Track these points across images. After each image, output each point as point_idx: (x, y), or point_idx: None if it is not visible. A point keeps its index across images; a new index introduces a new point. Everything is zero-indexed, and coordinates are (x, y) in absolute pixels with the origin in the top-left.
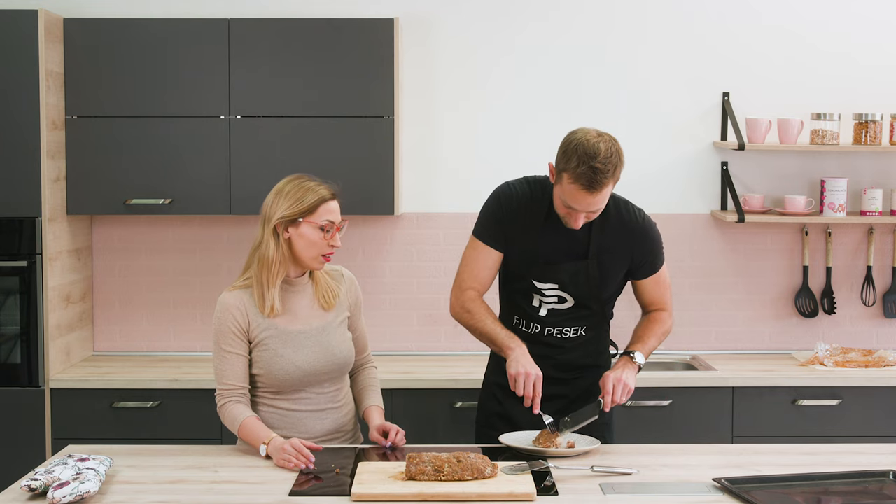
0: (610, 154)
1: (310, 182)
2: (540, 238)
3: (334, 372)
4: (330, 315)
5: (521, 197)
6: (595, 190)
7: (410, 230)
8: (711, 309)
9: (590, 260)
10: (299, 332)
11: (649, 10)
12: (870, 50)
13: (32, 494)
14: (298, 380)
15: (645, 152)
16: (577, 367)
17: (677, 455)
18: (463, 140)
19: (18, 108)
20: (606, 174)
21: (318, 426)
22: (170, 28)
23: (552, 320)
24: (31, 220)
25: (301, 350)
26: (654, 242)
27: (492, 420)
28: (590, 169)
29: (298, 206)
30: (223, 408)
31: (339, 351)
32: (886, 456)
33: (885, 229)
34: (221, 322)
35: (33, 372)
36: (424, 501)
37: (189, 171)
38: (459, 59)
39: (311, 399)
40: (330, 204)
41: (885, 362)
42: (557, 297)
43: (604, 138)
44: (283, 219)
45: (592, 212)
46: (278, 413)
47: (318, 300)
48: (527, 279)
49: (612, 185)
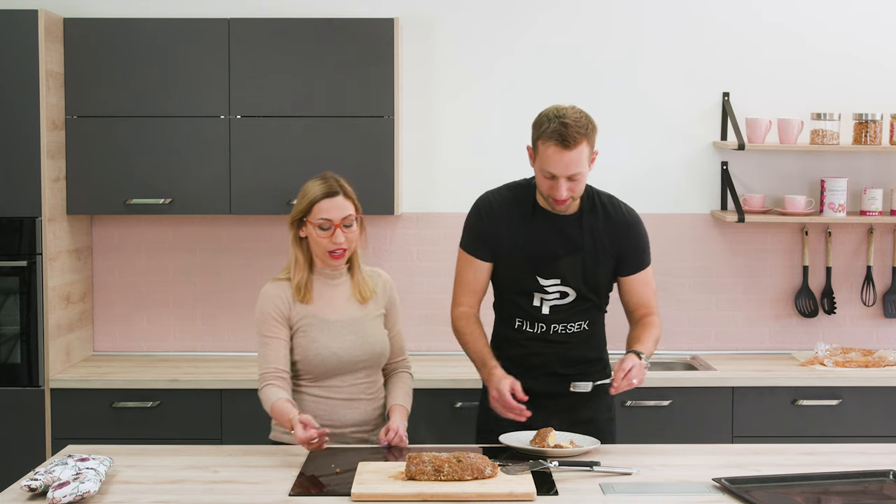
0: (579, 115)
1: (317, 181)
2: (530, 235)
3: (369, 361)
4: (366, 308)
5: (503, 201)
6: (569, 145)
7: (410, 230)
8: (711, 309)
9: (585, 251)
10: (336, 321)
11: (649, 10)
12: (870, 50)
13: (32, 494)
14: (334, 366)
15: (645, 152)
16: (583, 360)
17: (677, 455)
18: (463, 140)
19: (18, 108)
20: (578, 130)
21: (349, 415)
22: (170, 28)
23: (556, 317)
24: (31, 220)
25: (337, 337)
26: (640, 236)
27: (493, 421)
28: (561, 125)
29: (299, 206)
30: (261, 391)
31: (374, 340)
32: (886, 456)
33: (885, 229)
34: (263, 310)
35: (33, 372)
36: (424, 501)
37: (189, 171)
38: (459, 58)
39: (344, 388)
40: (324, 203)
41: (885, 362)
42: (560, 292)
43: (571, 106)
44: (294, 219)
45: (572, 177)
46: (313, 400)
47: (354, 294)
48: (528, 278)
49: (587, 147)
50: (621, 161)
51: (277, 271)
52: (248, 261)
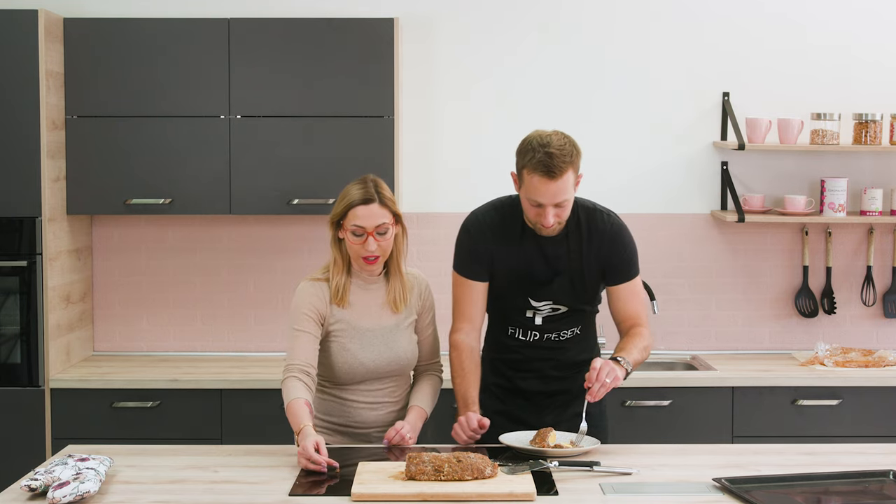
0: (563, 143)
1: (356, 185)
2: (520, 259)
3: (395, 372)
4: (399, 316)
5: (492, 223)
6: (555, 175)
7: (410, 230)
8: (711, 309)
9: (573, 272)
10: (368, 330)
11: (650, 10)
12: (870, 49)
13: (32, 494)
14: (361, 375)
15: (645, 152)
16: (575, 363)
17: (677, 455)
18: (463, 140)
19: (18, 108)
20: (563, 159)
21: (372, 417)
22: (170, 28)
23: (549, 326)
24: (31, 220)
25: (367, 347)
26: (624, 247)
27: (495, 419)
28: (546, 155)
29: (336, 210)
30: (284, 382)
31: (403, 352)
32: (886, 456)
33: (885, 229)
34: (299, 304)
35: (33, 372)
36: (424, 501)
37: (189, 171)
38: (459, 58)
39: (370, 392)
40: (359, 209)
41: (885, 362)
42: (551, 308)
43: (555, 132)
44: (332, 220)
45: (559, 204)
46: (336, 401)
47: (389, 302)
48: (520, 299)
49: (572, 175)
50: (621, 161)
51: (277, 271)
52: (248, 261)
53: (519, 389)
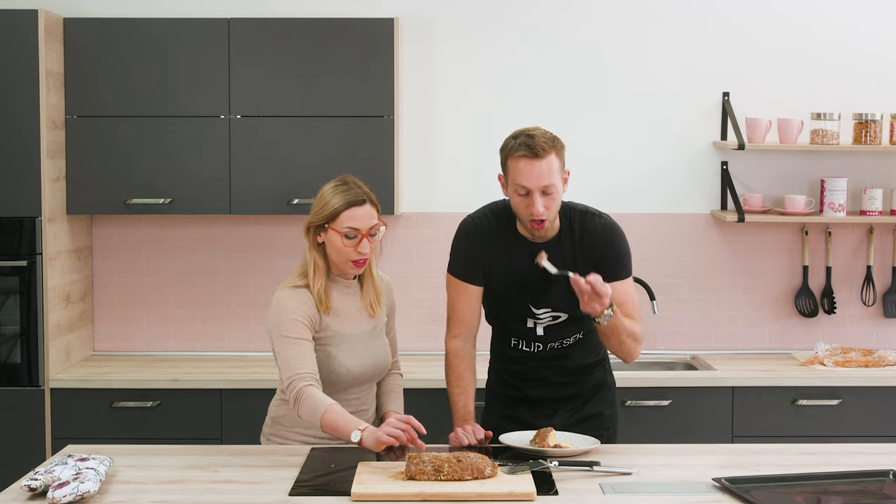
0: (545, 131)
1: (341, 187)
2: (517, 268)
3: (375, 377)
4: (375, 321)
5: (489, 227)
6: (538, 154)
7: (410, 230)
8: (711, 309)
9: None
10: (351, 335)
11: (650, 10)
12: (870, 49)
13: (32, 494)
14: (348, 382)
15: (645, 152)
16: (582, 367)
17: (677, 455)
18: (463, 140)
19: (18, 108)
20: (546, 141)
21: None
22: (170, 28)
23: (551, 335)
24: (31, 220)
25: (353, 354)
26: (616, 248)
27: (493, 421)
28: (528, 137)
29: (323, 212)
30: (303, 391)
31: (382, 356)
32: (886, 456)
33: (885, 229)
34: (288, 312)
35: (33, 372)
36: (424, 501)
37: (189, 171)
38: (459, 58)
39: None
40: (353, 211)
41: (885, 362)
42: (551, 316)
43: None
44: (313, 224)
45: (546, 192)
46: None
47: (366, 307)
48: (519, 307)
49: (556, 160)
50: (621, 161)
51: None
52: (248, 261)
53: (528, 398)
